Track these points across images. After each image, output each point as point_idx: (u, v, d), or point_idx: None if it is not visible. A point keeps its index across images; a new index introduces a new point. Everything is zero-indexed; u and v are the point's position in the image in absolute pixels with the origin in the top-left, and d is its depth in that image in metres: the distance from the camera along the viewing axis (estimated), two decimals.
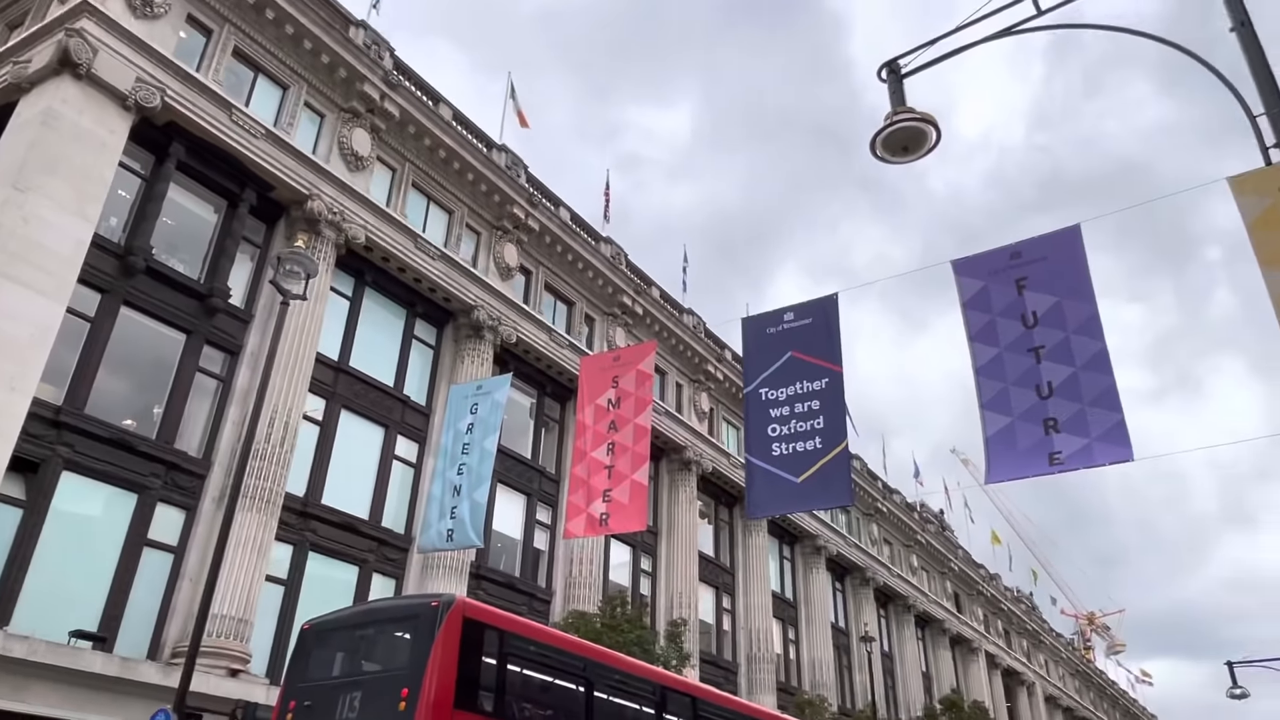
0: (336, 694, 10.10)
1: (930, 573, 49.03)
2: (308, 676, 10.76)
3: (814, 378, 11.49)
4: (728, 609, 32.66)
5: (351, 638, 11.12)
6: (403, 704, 9.34)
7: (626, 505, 11.69)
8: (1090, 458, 10.09)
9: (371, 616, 11.90)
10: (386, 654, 10.82)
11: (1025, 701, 56.16)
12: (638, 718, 12.78)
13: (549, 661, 11.47)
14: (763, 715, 16.30)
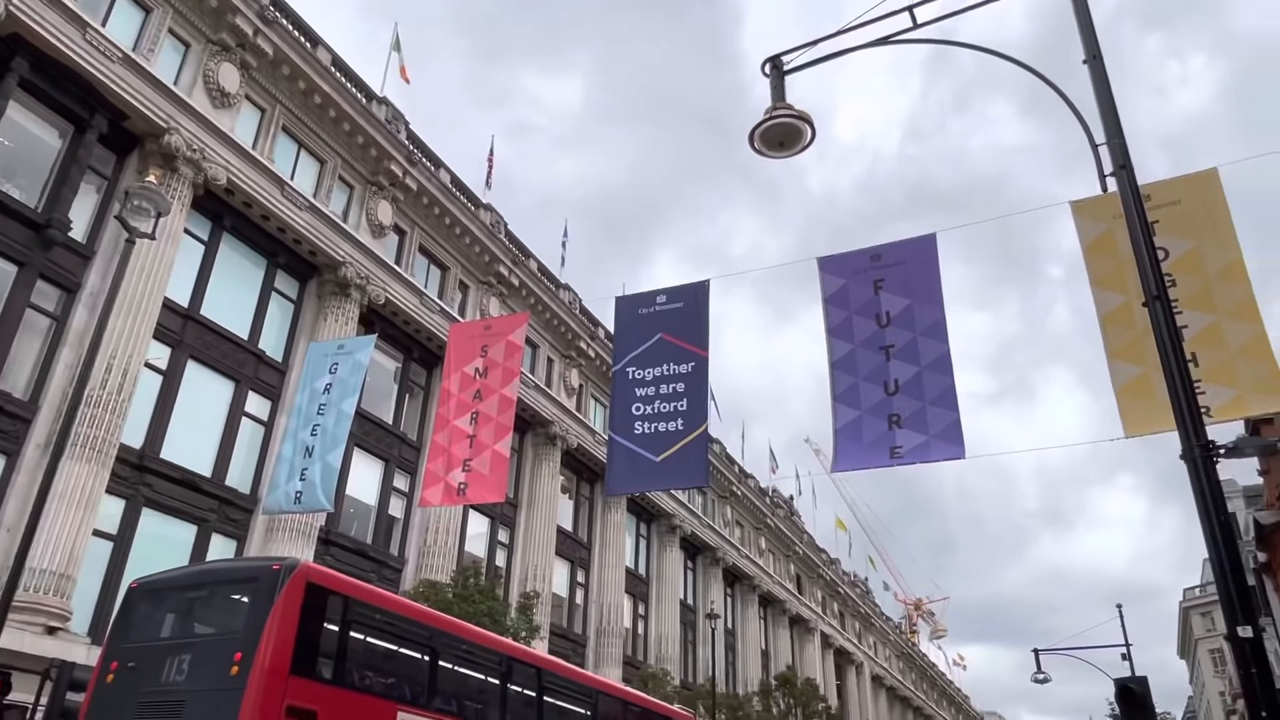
0: (164, 656, 9.57)
1: (776, 555, 51.05)
2: (133, 637, 10.16)
3: (681, 361, 11.73)
4: (581, 583, 33.02)
5: (184, 599, 10.57)
6: (235, 668, 8.94)
7: (486, 476, 11.63)
8: (927, 453, 10.77)
9: (207, 577, 11.36)
10: (221, 617, 10.32)
11: (854, 680, 59.47)
12: (483, 688, 12.78)
13: (394, 630, 11.29)
14: (605, 687, 16.55)
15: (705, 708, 28.56)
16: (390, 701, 10.56)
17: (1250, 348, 9.15)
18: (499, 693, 12.82)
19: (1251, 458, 34.59)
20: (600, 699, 15.34)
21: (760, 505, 48.61)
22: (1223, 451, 5.98)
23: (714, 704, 28.79)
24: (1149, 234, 6.49)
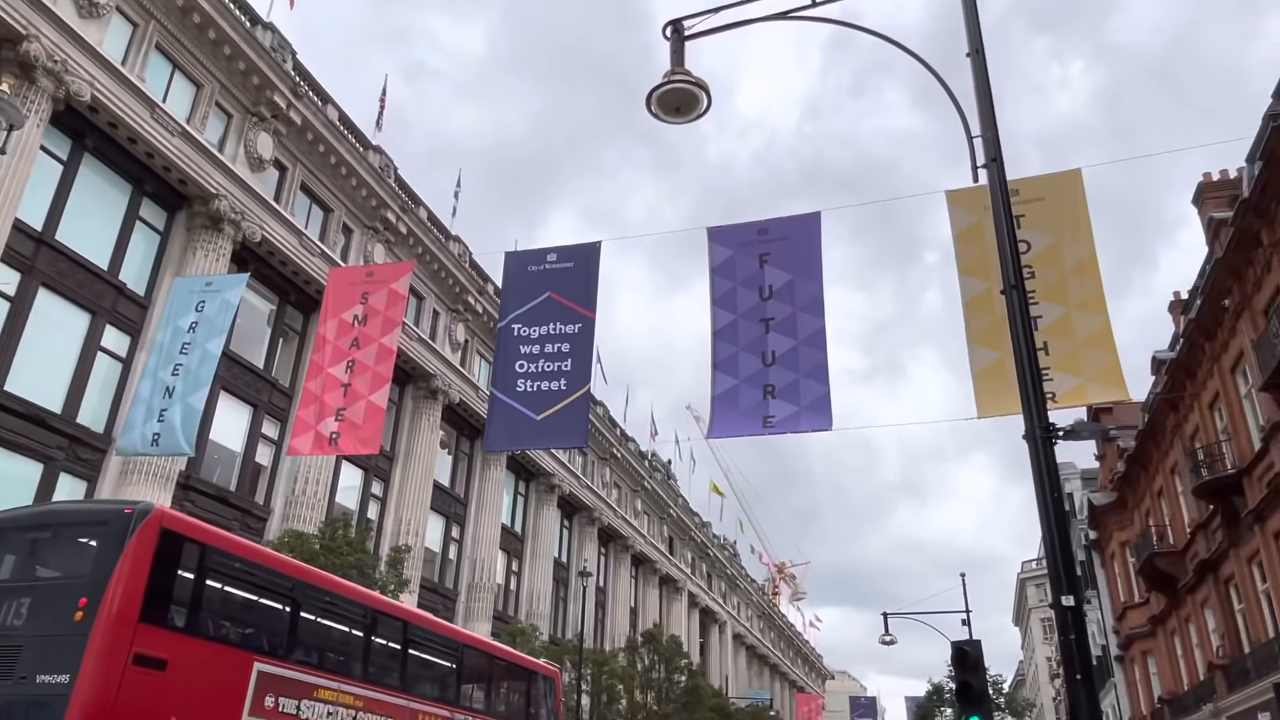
0: (1, 599, 9.03)
1: (651, 517, 52.03)
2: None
3: (568, 321, 11.70)
4: (456, 539, 32.81)
5: (24, 540, 9.88)
6: (79, 614, 8.50)
7: (360, 426, 11.32)
8: (797, 424, 11.15)
9: (52, 518, 10.71)
10: (67, 560, 9.79)
11: (716, 638, 61.55)
12: (346, 640, 12.57)
13: (254, 580, 10.96)
14: (471, 641, 16.51)
15: (572, 663, 29.00)
16: (248, 652, 10.28)
17: (1095, 339, 9.81)
18: (362, 645, 12.68)
19: (1089, 441, 37.38)
20: (466, 653, 15.36)
21: (639, 468, 49.31)
22: (1061, 434, 6.45)
23: (581, 659, 29.27)
24: (1012, 226, 6.86)
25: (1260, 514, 19.20)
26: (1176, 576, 26.08)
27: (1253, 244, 17.82)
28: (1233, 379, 20.43)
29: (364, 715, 11.57)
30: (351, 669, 11.91)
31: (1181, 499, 25.49)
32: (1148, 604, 30.15)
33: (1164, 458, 26.65)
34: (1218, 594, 23.29)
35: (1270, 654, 19.17)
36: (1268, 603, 20.07)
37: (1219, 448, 21.41)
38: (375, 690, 11.96)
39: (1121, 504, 32.43)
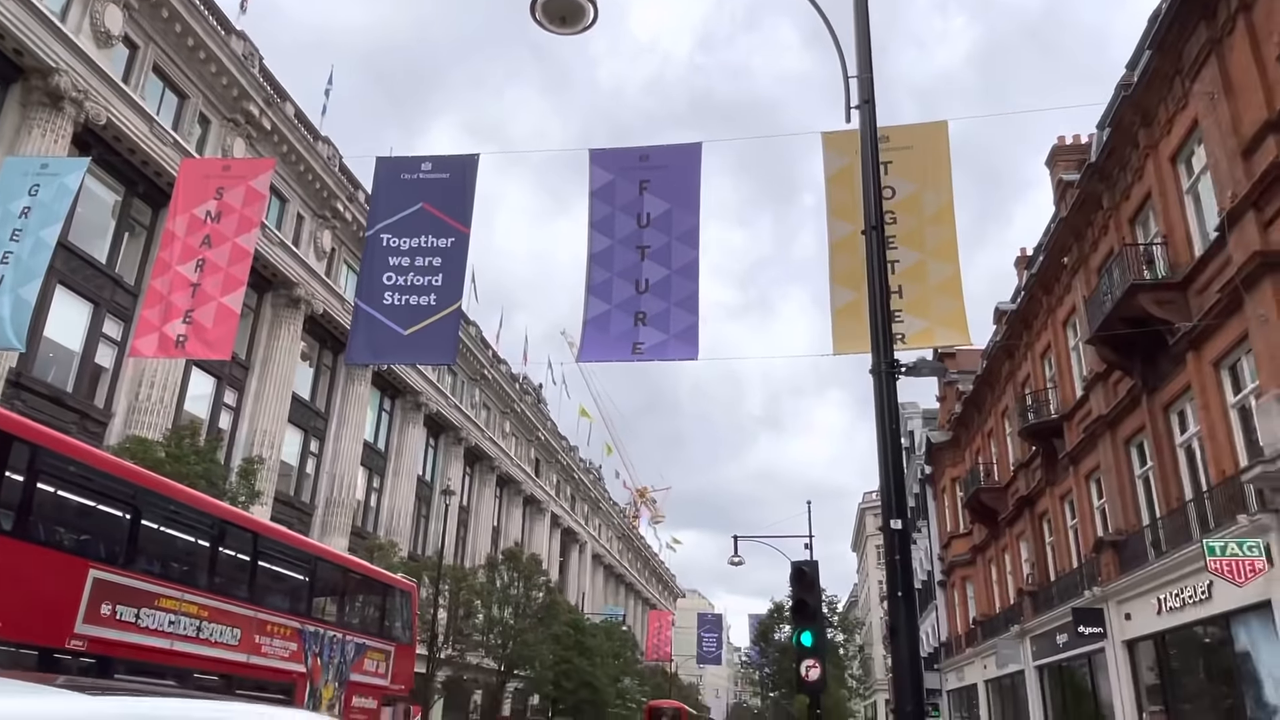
0: None
1: (519, 439, 52.22)
2: None
3: (441, 234, 11.44)
4: (315, 453, 31.99)
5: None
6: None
7: (210, 330, 10.78)
8: (665, 351, 11.40)
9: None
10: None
11: (576, 557, 63.09)
12: (191, 550, 12.24)
13: (90, 484, 10.53)
14: (325, 554, 16.25)
15: (431, 579, 29.13)
16: (83, 559, 9.92)
17: (945, 286, 10.40)
18: (208, 555, 12.36)
19: (931, 381, 39.89)
20: (319, 566, 15.19)
21: (510, 390, 49.18)
22: (904, 370, 6.90)
23: (439, 575, 29.43)
24: (878, 168, 7.15)
25: (1075, 456, 21.13)
26: (998, 510, 28.47)
27: (1094, 206, 19.17)
28: (1064, 332, 22.16)
29: (209, 625, 11.44)
30: (196, 579, 11.66)
31: (1009, 440, 27.67)
32: (970, 535, 32.85)
33: (997, 402, 28.77)
34: (1032, 527, 25.62)
35: (1073, 582, 21.34)
36: (1074, 536, 22.25)
37: (1046, 395, 23.29)
38: (221, 600, 11.79)
39: (956, 443, 34.92)
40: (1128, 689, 17.91)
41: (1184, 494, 15.85)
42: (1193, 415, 15.55)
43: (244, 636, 12.10)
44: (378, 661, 15.89)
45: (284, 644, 13.04)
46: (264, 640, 12.57)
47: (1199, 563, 13.46)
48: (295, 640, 13.31)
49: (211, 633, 11.47)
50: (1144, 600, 16.70)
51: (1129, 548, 17.82)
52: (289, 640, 13.16)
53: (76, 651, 9.47)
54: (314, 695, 13.82)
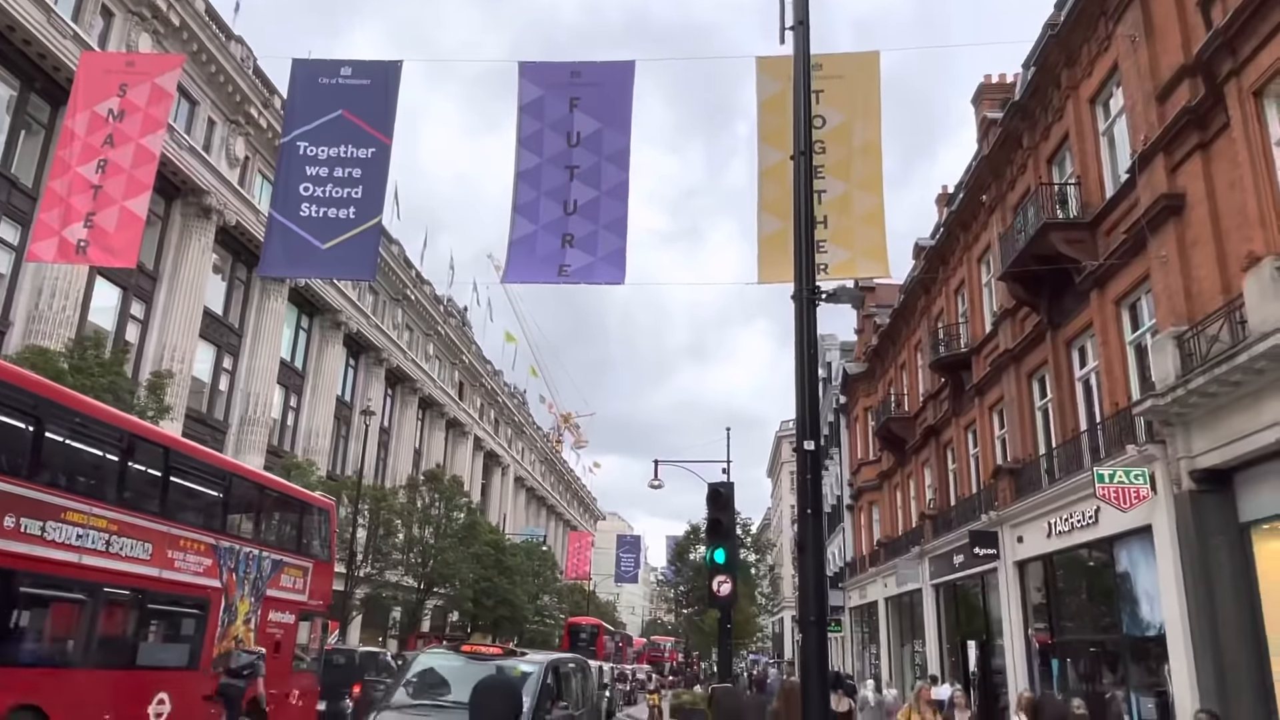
0: None
1: (443, 361, 51.69)
2: None
3: (361, 144, 11.06)
4: (228, 369, 31.13)
5: None
6: None
7: (113, 236, 10.28)
8: (591, 275, 11.36)
9: None
10: None
11: (499, 480, 63.46)
12: (99, 464, 11.95)
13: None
14: (240, 471, 16.13)
15: (350, 498, 28.96)
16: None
17: (869, 218, 10.56)
18: (117, 469, 12.06)
19: (849, 311, 40.83)
20: (234, 482, 14.96)
21: (434, 312, 48.42)
22: (824, 296, 7.07)
23: (358, 494, 29.28)
24: (809, 91, 7.17)
25: (981, 388, 22.05)
26: (906, 439, 29.63)
27: (1015, 145, 19.61)
28: (978, 268, 22.85)
29: (119, 539, 11.37)
30: (105, 493, 11.50)
31: (920, 372, 28.67)
32: (879, 462, 34.18)
33: (911, 335, 29.68)
34: (937, 455, 26.79)
35: (971, 507, 22.50)
36: (975, 464, 23.36)
37: (957, 329, 24.10)
38: (131, 515, 11.69)
39: (870, 374, 36.01)
40: (1016, 607, 19.14)
41: (1079, 425, 16.75)
42: (1092, 351, 16.34)
43: (156, 551, 12.02)
44: (295, 578, 15.98)
45: (198, 559, 13.02)
46: (177, 555, 12.53)
47: (1088, 490, 14.33)
48: (209, 556, 13.30)
49: (122, 547, 11.38)
50: (1035, 524, 17.74)
51: (1025, 475, 18.82)
52: (203, 555, 13.15)
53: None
54: (229, 610, 13.91)
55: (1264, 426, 10.56)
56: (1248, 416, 10.92)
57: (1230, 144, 11.64)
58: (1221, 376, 10.90)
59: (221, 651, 13.63)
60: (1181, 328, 12.37)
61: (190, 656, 13.08)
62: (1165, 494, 12.75)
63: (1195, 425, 12.10)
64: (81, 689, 10.78)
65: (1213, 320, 11.63)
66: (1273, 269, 10.20)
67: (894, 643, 31.10)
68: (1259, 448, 10.81)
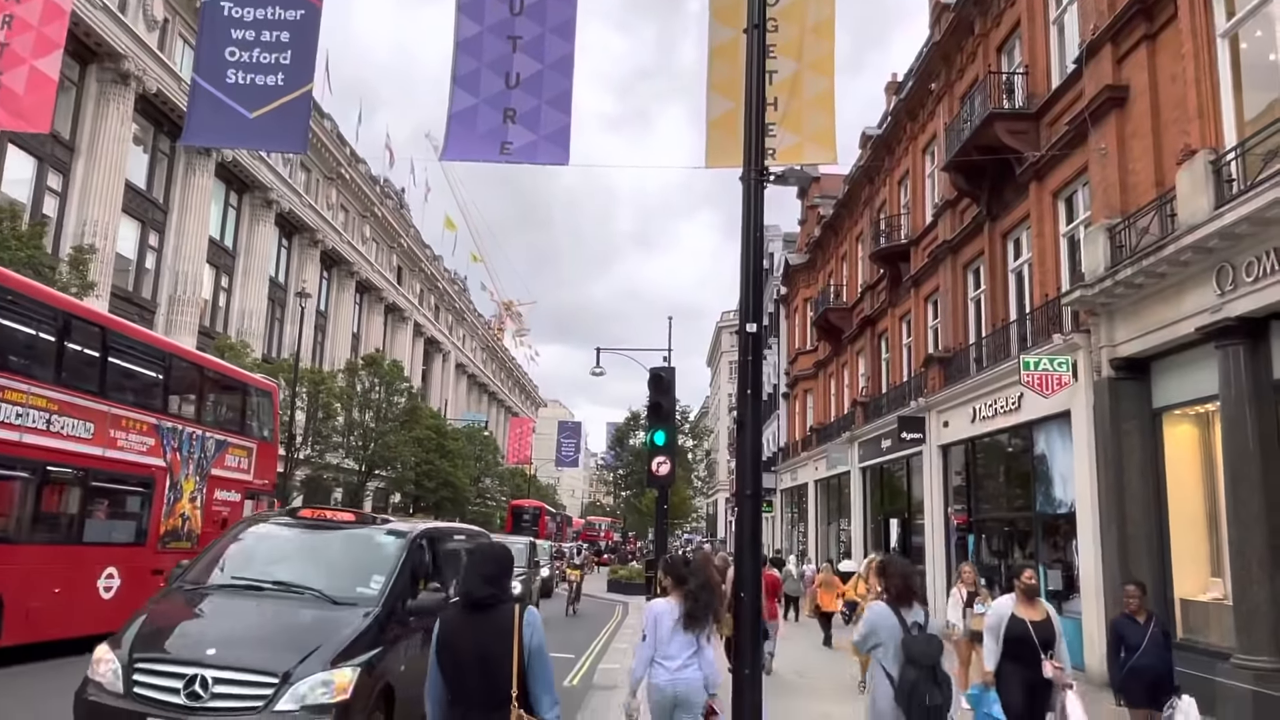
0: None
1: (380, 245, 50.49)
2: None
3: (289, 6, 10.40)
4: (154, 247, 29.95)
5: None
6: None
7: (22, 98, 9.62)
8: (534, 154, 11.05)
9: None
10: None
11: (439, 366, 63.27)
12: (34, 343, 11.67)
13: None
14: (181, 352, 15.92)
15: (287, 381, 28.62)
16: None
17: (819, 101, 10.41)
18: (54, 349, 11.78)
19: (793, 187, 40.81)
20: (174, 362, 14.68)
21: (370, 193, 46.95)
22: (772, 178, 7.04)
23: (295, 377, 28.94)
24: None
25: (918, 279, 22.48)
26: (843, 329, 30.27)
27: (966, 31, 19.39)
28: (923, 158, 22.92)
29: (60, 418, 11.38)
30: (43, 372, 11.39)
31: (860, 263, 29.05)
32: (816, 351, 34.95)
33: (854, 225, 29.89)
34: (872, 345, 27.48)
35: (902, 394, 23.28)
36: (908, 354, 24.06)
37: (899, 220, 24.35)
38: (71, 394, 11.63)
39: (811, 265, 36.35)
40: (938, 488, 20.13)
41: (1009, 315, 17.28)
42: (1027, 242, 16.71)
43: (98, 430, 12.07)
44: (240, 458, 16.10)
45: (141, 439, 13.05)
46: (120, 434, 12.55)
47: (1013, 377, 14.92)
48: (152, 435, 13.33)
49: (64, 426, 11.42)
50: (961, 410, 18.49)
51: (954, 363, 19.47)
52: (146, 435, 13.17)
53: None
54: (175, 488, 14.00)
55: (1183, 317, 11.03)
56: (1169, 307, 11.39)
57: (1176, 35, 11.70)
58: (1148, 268, 11.28)
59: (168, 528, 13.72)
60: (1114, 220, 12.69)
61: (137, 533, 13.25)
62: (1086, 381, 13.35)
63: (1119, 315, 12.59)
64: (31, 564, 10.96)
65: (1144, 213, 11.94)
66: (1206, 162, 10.45)
67: (821, 522, 32.59)
68: (1176, 338, 11.32)
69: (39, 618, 10.95)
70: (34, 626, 10.85)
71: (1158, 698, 6.97)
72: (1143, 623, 7.22)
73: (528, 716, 3.44)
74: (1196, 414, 11.90)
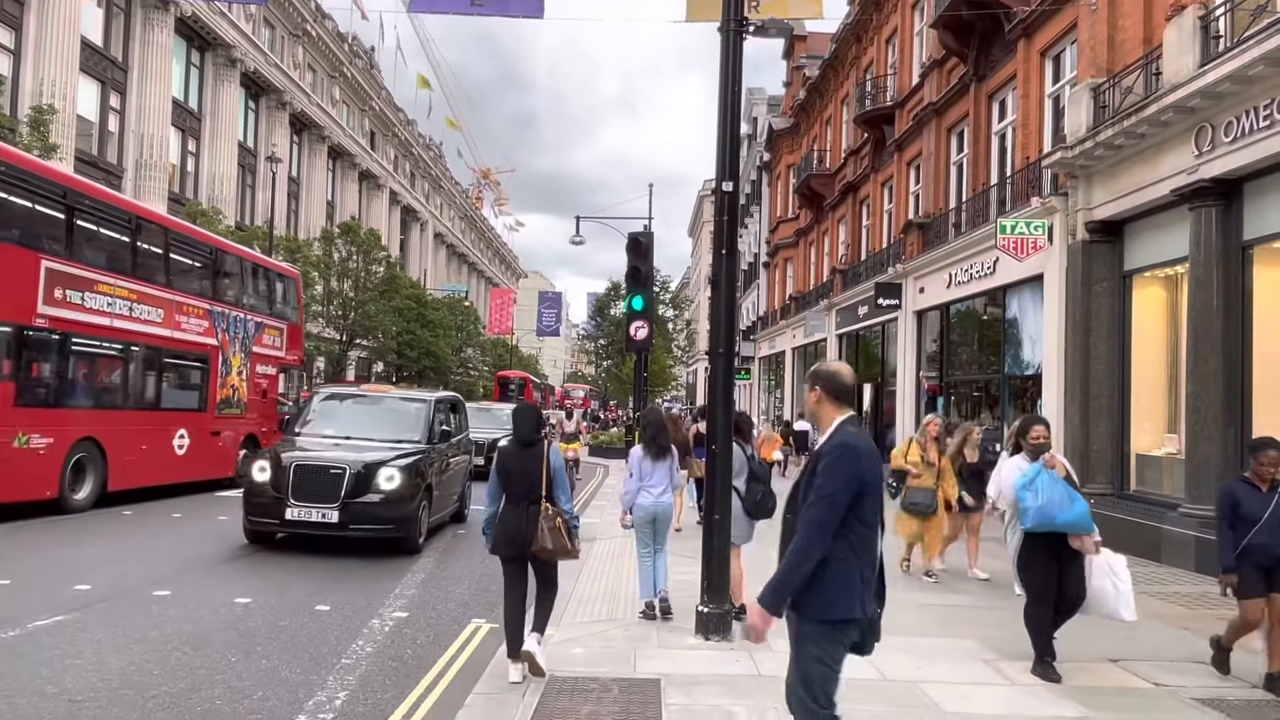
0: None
1: (351, 107, 48.82)
2: None
3: None
4: (116, 108, 28.84)
5: None
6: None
7: None
8: (506, 7, 10.69)
9: None
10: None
11: (417, 236, 62.42)
12: (118, 244, 13.49)
13: (31, 189, 11.54)
14: (225, 246, 17.41)
15: (262, 249, 28.25)
16: (34, 251, 11.47)
17: None
18: (131, 248, 13.74)
19: (777, 39, 39.55)
20: (220, 255, 16.67)
21: (338, 51, 44.98)
22: (751, 29, 6.84)
23: (270, 244, 28.55)
24: None
25: (902, 143, 22.17)
26: (824, 196, 30.01)
27: None
28: (911, 15, 22.17)
29: (138, 306, 13.57)
30: (124, 267, 13.47)
31: (845, 128, 28.51)
32: (797, 219, 34.75)
33: (840, 87, 29.15)
34: (853, 212, 27.35)
35: (880, 260, 23.37)
36: (889, 220, 24.00)
37: (885, 81, 23.77)
38: (145, 285, 13.84)
39: (795, 130, 35.63)
40: (911, 353, 20.53)
41: (990, 179, 17.20)
42: (1012, 104, 16.45)
43: (166, 316, 14.31)
44: (274, 337, 18.42)
45: (198, 322, 15.37)
46: (182, 319, 14.82)
47: (990, 242, 15.00)
48: (206, 319, 15.61)
49: (141, 313, 13.62)
50: (937, 275, 18.65)
51: (933, 229, 19.50)
52: (201, 319, 15.48)
53: (41, 328, 11.55)
54: (225, 363, 16.22)
55: (1160, 179, 11.06)
56: (1147, 169, 11.39)
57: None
58: (1129, 129, 11.20)
59: (222, 397, 16.15)
60: (1099, 79, 12.49)
61: (200, 401, 15.58)
62: (1060, 244, 13.47)
63: (1097, 178, 12.58)
64: (125, 425, 13.25)
65: (1130, 72, 11.76)
66: (1195, 18, 10.23)
67: (797, 388, 33.30)
68: (1152, 199, 11.38)
69: (132, 469, 13.33)
70: (129, 475, 13.22)
71: (1276, 583, 5.43)
72: (1266, 492, 5.49)
73: (552, 506, 5.33)
74: (1165, 276, 12.10)
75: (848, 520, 2.95)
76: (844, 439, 3.04)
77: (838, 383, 3.18)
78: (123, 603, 7.08)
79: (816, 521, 2.92)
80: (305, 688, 5.22)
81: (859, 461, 2.97)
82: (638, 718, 4.62)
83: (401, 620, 7.03)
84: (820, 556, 2.91)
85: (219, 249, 16.82)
